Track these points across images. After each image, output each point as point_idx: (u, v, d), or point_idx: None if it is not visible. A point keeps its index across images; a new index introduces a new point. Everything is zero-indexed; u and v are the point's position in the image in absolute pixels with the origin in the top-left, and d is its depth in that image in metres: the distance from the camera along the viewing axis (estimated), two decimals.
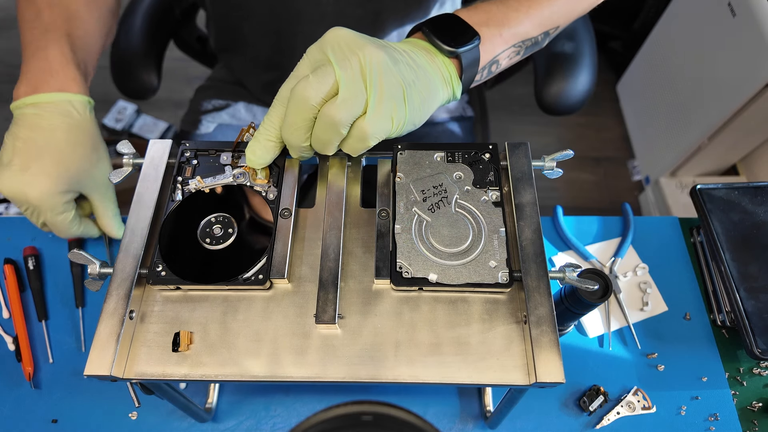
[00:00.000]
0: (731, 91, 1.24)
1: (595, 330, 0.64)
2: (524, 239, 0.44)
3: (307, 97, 0.41)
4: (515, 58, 0.55)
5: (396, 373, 0.41)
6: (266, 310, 0.43)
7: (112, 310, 0.41)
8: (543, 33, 0.54)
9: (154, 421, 0.58)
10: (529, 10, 0.52)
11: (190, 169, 0.49)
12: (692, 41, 1.40)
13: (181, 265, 0.44)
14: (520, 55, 0.55)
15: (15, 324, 0.62)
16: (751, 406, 0.59)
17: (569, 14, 0.56)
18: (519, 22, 0.51)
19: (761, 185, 0.66)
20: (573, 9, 0.56)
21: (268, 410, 0.59)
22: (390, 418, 0.32)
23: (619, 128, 1.86)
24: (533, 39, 0.54)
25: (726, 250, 0.62)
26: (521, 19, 0.52)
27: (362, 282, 0.45)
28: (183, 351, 0.41)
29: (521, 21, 0.52)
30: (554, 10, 0.53)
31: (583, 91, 0.80)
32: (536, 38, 0.54)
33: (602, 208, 1.72)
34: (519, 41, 0.52)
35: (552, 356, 0.39)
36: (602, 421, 0.58)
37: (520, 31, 0.52)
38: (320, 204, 0.49)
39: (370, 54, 0.41)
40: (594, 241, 0.71)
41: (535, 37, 0.54)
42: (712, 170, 1.55)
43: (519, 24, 0.51)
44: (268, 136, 0.45)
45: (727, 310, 0.63)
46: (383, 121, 0.43)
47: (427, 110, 0.47)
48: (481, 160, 0.49)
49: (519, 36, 0.52)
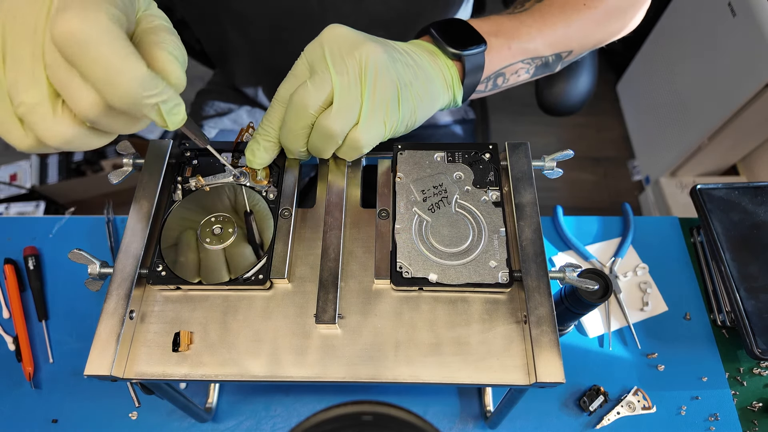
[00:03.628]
0: (731, 91, 1.24)
1: (595, 330, 0.64)
2: (524, 239, 0.44)
3: (306, 105, 0.41)
4: (524, 75, 0.54)
5: (396, 373, 0.41)
6: (266, 310, 0.43)
7: (112, 310, 0.41)
8: (555, 54, 0.54)
9: (154, 421, 0.58)
10: (542, 28, 0.51)
11: (190, 169, 0.49)
12: (692, 41, 1.40)
13: (181, 264, 0.44)
14: (530, 74, 0.54)
15: (15, 324, 0.62)
16: (751, 406, 0.59)
17: (583, 40, 0.55)
18: (530, 38, 0.51)
19: (761, 185, 0.66)
20: (588, 35, 0.55)
21: (268, 410, 0.59)
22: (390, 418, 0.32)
23: (619, 128, 1.86)
24: (544, 58, 0.53)
25: (726, 250, 0.62)
26: (533, 35, 0.51)
27: (362, 282, 0.45)
28: (183, 351, 0.41)
29: (532, 37, 0.51)
30: (568, 33, 0.53)
31: (584, 92, 0.80)
32: (547, 58, 0.53)
33: (602, 208, 1.72)
34: (528, 57, 0.52)
35: (552, 356, 0.39)
36: (602, 421, 0.58)
37: (529, 47, 0.51)
38: (320, 204, 0.49)
39: (368, 51, 0.41)
40: (594, 241, 0.71)
41: (546, 57, 0.53)
42: (712, 170, 1.55)
43: (530, 40, 0.51)
44: (267, 137, 0.45)
45: (727, 310, 0.63)
46: (376, 129, 0.43)
47: (424, 112, 0.46)
48: (481, 160, 0.49)
49: (528, 52, 0.51)
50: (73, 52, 0.30)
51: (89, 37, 0.30)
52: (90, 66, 0.31)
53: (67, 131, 0.33)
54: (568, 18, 0.53)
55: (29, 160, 1.63)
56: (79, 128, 0.34)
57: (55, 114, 0.33)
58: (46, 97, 0.32)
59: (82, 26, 0.30)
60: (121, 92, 0.32)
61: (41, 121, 0.32)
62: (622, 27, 0.58)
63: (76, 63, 0.31)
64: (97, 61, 0.30)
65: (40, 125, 0.32)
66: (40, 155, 1.64)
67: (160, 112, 0.34)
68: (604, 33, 0.56)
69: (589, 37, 0.55)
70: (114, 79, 0.31)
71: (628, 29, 0.59)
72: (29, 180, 1.59)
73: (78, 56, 0.30)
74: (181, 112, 0.36)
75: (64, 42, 0.30)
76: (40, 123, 0.32)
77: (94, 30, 0.30)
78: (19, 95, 0.31)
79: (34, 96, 0.32)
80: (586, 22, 0.54)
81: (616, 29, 0.57)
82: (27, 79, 0.31)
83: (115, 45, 0.31)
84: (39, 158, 1.64)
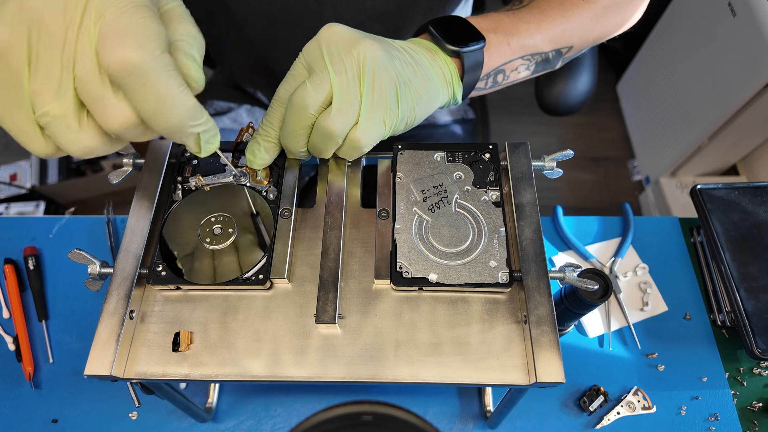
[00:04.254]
0: (731, 91, 1.24)
1: (595, 330, 0.64)
2: (524, 239, 0.44)
3: (306, 105, 0.41)
4: (524, 72, 0.54)
5: (396, 373, 0.41)
6: (266, 309, 0.43)
7: (112, 310, 0.41)
8: (555, 50, 0.54)
9: (154, 421, 0.58)
10: (541, 24, 0.51)
11: (190, 168, 0.49)
12: (692, 41, 1.40)
13: (182, 264, 0.44)
14: (530, 71, 0.54)
15: (15, 324, 0.62)
16: (751, 406, 0.59)
17: (584, 35, 0.55)
18: (529, 34, 0.51)
19: (761, 185, 0.66)
20: (588, 30, 0.55)
21: (268, 410, 0.59)
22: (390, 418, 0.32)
23: (619, 128, 1.86)
24: (543, 54, 0.53)
25: (726, 250, 0.62)
26: (532, 31, 0.51)
27: (362, 282, 0.45)
28: (183, 351, 0.41)
29: (531, 33, 0.51)
30: (567, 28, 0.53)
31: (584, 92, 0.80)
32: (547, 54, 0.53)
33: (602, 208, 1.72)
34: (528, 53, 0.52)
35: (552, 356, 0.39)
36: (602, 421, 0.58)
37: (529, 43, 0.51)
38: (320, 204, 0.49)
39: (365, 49, 0.41)
40: (594, 241, 0.71)
41: (545, 53, 0.53)
42: (712, 170, 1.55)
43: (529, 36, 0.51)
44: (267, 137, 0.46)
45: (727, 310, 0.63)
46: (376, 128, 0.43)
47: (424, 110, 0.46)
48: (481, 160, 0.49)
49: (528, 48, 0.51)
50: (128, 83, 0.31)
51: (147, 70, 0.31)
52: (144, 96, 0.31)
53: (92, 142, 0.34)
54: (566, 13, 0.53)
55: (29, 160, 1.63)
56: (103, 139, 0.34)
57: (81, 126, 0.33)
58: (72, 109, 0.32)
59: (142, 58, 0.30)
60: (171, 123, 0.33)
61: (66, 131, 0.33)
62: (622, 22, 0.58)
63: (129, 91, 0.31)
64: (152, 94, 0.31)
65: (65, 136, 0.33)
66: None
67: (198, 141, 0.36)
68: (604, 28, 0.56)
69: (589, 32, 0.55)
70: (166, 111, 0.32)
71: (627, 24, 0.59)
72: (29, 180, 1.59)
73: (133, 87, 0.31)
74: (216, 141, 0.37)
75: (120, 72, 0.30)
76: (65, 133, 0.33)
77: (151, 63, 0.31)
78: (44, 105, 0.31)
79: (60, 107, 0.32)
80: (584, 17, 0.54)
81: (615, 24, 0.57)
82: (53, 90, 0.31)
83: (171, 78, 0.32)
84: (39, 158, 1.64)
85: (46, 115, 0.32)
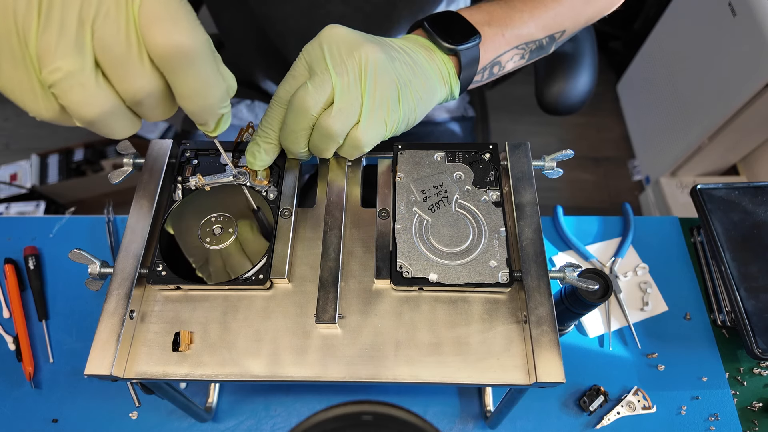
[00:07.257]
0: (731, 91, 1.24)
1: (595, 330, 0.64)
2: (524, 239, 0.44)
3: (307, 106, 0.41)
4: (519, 61, 0.54)
5: (396, 372, 0.41)
6: (266, 309, 0.43)
7: (112, 310, 0.41)
8: (548, 36, 0.54)
9: (155, 420, 0.58)
10: (533, 12, 0.51)
11: (190, 168, 0.49)
12: (692, 41, 1.40)
13: (182, 264, 0.44)
14: (525, 59, 0.54)
15: (15, 324, 0.62)
16: (751, 406, 0.59)
17: (575, 18, 0.55)
18: (522, 23, 0.51)
19: (761, 185, 0.66)
20: (579, 13, 0.55)
21: (268, 410, 0.59)
22: (390, 418, 0.32)
23: (619, 128, 1.86)
24: (538, 42, 0.53)
25: (726, 250, 0.62)
26: (525, 20, 0.51)
27: (362, 282, 0.45)
28: (183, 351, 0.41)
29: (525, 22, 0.51)
30: (559, 12, 0.53)
31: (584, 92, 0.80)
32: (541, 41, 0.54)
33: (602, 208, 1.72)
34: (522, 43, 0.52)
35: (552, 356, 0.39)
36: (602, 421, 0.58)
37: (523, 33, 0.51)
38: (320, 204, 0.49)
39: (367, 52, 0.41)
40: (594, 241, 0.71)
41: (539, 40, 0.53)
42: (713, 170, 1.55)
43: (522, 25, 0.51)
44: (267, 138, 0.46)
45: (728, 310, 0.63)
46: (377, 128, 0.43)
47: (424, 109, 0.46)
48: (481, 160, 0.49)
49: (522, 38, 0.52)
50: (177, 65, 0.31)
51: (196, 54, 0.31)
52: (188, 78, 0.32)
53: (105, 105, 0.31)
54: None
55: (29, 160, 1.63)
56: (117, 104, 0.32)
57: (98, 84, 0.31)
58: (90, 67, 0.30)
59: (193, 43, 0.31)
60: (207, 103, 0.34)
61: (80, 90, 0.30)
62: (611, 2, 0.58)
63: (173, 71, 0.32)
64: (198, 76, 0.32)
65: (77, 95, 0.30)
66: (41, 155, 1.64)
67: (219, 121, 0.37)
68: (594, 8, 0.57)
69: (581, 15, 0.55)
70: (206, 92, 0.34)
71: (616, 3, 0.59)
72: (29, 180, 1.60)
73: (180, 68, 0.32)
74: (228, 121, 0.39)
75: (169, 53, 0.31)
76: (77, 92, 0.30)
77: (202, 48, 0.32)
78: (55, 60, 0.29)
79: (75, 63, 0.29)
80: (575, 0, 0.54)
81: (605, 3, 0.58)
82: (69, 45, 0.29)
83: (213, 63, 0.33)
84: (39, 158, 1.64)
85: (57, 71, 0.29)
